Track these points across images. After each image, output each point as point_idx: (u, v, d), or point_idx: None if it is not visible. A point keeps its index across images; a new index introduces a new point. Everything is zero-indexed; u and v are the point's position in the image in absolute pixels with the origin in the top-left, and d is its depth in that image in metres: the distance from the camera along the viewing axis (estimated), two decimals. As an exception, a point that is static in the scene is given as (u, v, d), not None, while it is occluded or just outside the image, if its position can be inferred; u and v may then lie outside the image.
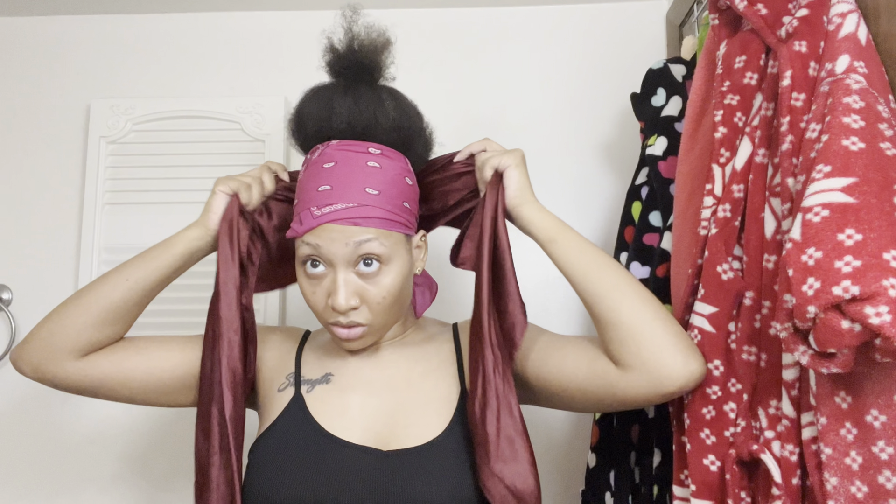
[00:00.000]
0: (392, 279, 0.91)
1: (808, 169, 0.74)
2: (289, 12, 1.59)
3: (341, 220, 0.88)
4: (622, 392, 0.86)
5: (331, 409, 0.92)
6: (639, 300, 0.87)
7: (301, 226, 0.90)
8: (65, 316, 0.92)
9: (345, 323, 0.90)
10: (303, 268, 0.92)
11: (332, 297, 0.89)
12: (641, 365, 0.84)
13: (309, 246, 0.90)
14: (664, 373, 0.83)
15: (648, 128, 1.23)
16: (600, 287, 0.89)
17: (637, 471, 1.11)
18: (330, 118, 0.93)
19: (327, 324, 0.93)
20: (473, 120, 1.54)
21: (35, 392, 1.47)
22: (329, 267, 0.90)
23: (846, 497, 0.70)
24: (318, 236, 0.89)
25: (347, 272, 0.90)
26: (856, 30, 0.81)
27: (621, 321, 0.85)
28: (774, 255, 0.83)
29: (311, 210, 0.90)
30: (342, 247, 0.88)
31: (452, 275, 1.48)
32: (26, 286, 1.50)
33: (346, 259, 0.89)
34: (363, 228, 0.89)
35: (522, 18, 1.58)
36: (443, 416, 0.91)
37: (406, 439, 0.89)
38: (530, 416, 1.46)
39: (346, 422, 0.91)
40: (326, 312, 0.91)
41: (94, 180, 1.49)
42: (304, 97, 0.99)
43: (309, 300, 0.92)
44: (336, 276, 0.89)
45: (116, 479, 1.45)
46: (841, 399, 0.72)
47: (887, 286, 0.62)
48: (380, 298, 0.91)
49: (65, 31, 1.60)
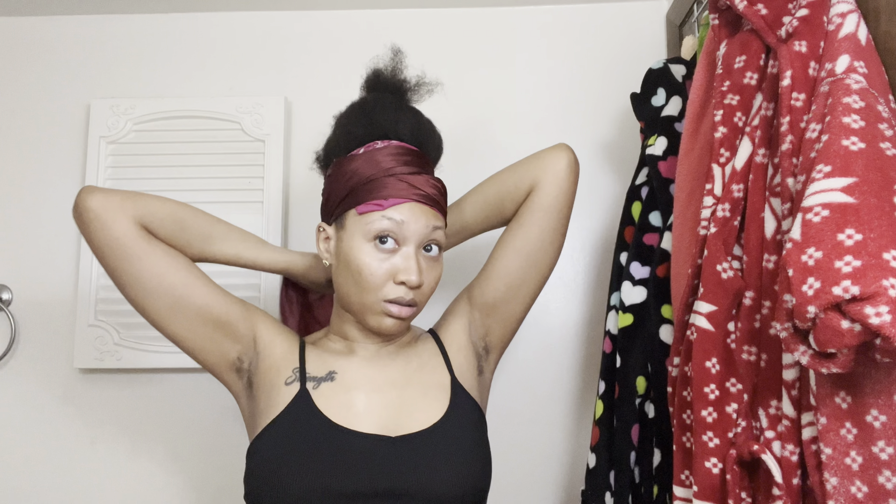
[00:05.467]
0: (440, 269, 0.99)
1: (808, 169, 0.74)
2: (289, 12, 1.60)
3: (424, 202, 0.95)
4: (544, 201, 1.04)
5: (337, 404, 0.94)
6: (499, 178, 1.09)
7: (386, 200, 0.94)
8: (155, 198, 0.98)
9: (407, 300, 0.94)
10: (371, 242, 0.94)
11: (406, 273, 0.93)
12: (541, 176, 1.04)
13: (392, 221, 0.93)
14: (549, 164, 1.04)
15: (648, 128, 1.23)
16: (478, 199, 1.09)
17: (637, 471, 1.11)
18: (396, 122, 1.00)
19: (380, 301, 0.94)
20: (473, 120, 1.54)
21: (35, 392, 1.47)
22: (398, 245, 0.94)
23: (846, 497, 0.70)
24: (403, 213, 0.94)
25: (419, 252, 0.95)
26: (856, 30, 0.81)
27: (510, 188, 1.06)
28: (774, 255, 0.83)
29: (394, 182, 0.95)
30: (423, 227, 0.94)
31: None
32: (26, 286, 1.50)
33: (421, 240, 0.95)
34: (437, 214, 0.97)
35: (522, 18, 1.58)
36: (441, 401, 0.97)
37: (413, 424, 0.94)
38: (531, 415, 1.47)
39: (353, 415, 0.93)
40: (387, 288, 0.94)
41: (94, 180, 1.49)
42: (367, 101, 1.03)
43: (372, 274, 0.93)
44: (410, 252, 0.94)
45: (116, 480, 1.45)
46: (841, 399, 0.72)
47: (887, 286, 0.62)
48: (434, 283, 0.98)
49: (65, 31, 1.60)
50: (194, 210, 1.01)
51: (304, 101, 1.55)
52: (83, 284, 1.45)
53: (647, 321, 1.11)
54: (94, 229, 0.94)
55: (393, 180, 0.95)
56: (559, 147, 1.06)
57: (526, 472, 1.44)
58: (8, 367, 1.48)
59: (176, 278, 0.95)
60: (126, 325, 1.44)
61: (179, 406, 1.46)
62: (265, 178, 1.48)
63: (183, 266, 0.97)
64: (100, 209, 0.93)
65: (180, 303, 0.95)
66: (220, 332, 0.97)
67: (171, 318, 0.96)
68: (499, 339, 1.08)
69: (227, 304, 0.98)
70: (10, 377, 1.48)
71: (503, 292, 1.05)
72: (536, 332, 1.48)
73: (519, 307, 1.07)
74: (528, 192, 1.05)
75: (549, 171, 1.04)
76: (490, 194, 1.08)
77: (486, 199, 1.08)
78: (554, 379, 1.47)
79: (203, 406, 1.46)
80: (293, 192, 1.53)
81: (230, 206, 1.47)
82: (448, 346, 1.05)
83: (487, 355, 1.08)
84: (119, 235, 0.93)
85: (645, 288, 1.14)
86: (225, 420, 1.45)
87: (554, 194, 1.03)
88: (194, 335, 0.97)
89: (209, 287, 0.98)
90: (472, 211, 1.09)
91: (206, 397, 1.45)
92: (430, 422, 0.94)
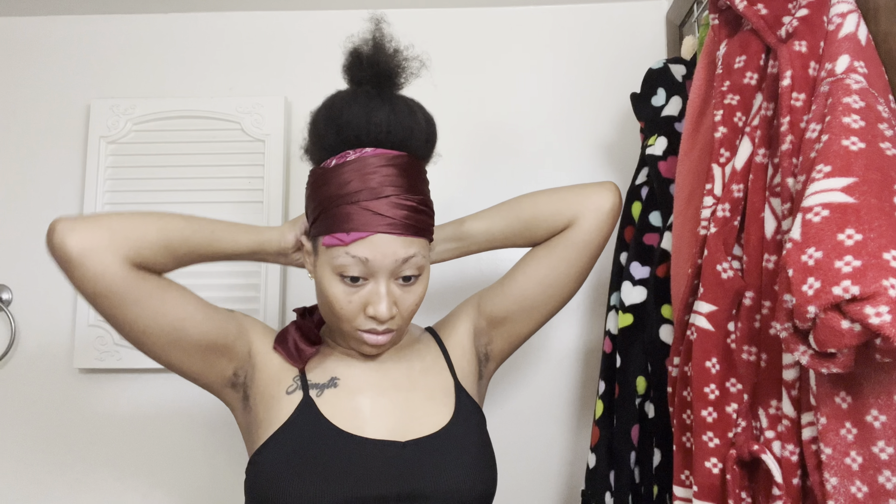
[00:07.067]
0: (423, 288, 0.94)
1: (808, 169, 0.74)
2: (289, 12, 1.60)
3: (392, 232, 0.88)
4: (579, 237, 1.02)
5: (342, 410, 0.92)
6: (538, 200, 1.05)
7: (348, 235, 0.88)
8: (139, 222, 0.86)
9: (381, 330, 0.91)
10: (337, 276, 0.90)
11: (375, 307, 0.89)
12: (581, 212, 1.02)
13: (355, 259, 0.88)
14: (592, 204, 1.02)
15: (648, 128, 1.23)
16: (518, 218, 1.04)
17: (637, 471, 1.11)
18: (368, 125, 0.91)
19: (357, 330, 0.92)
20: (472, 120, 1.54)
21: (35, 392, 1.47)
22: (370, 279, 0.90)
23: (846, 497, 0.70)
24: (366, 249, 0.87)
25: (389, 283, 0.90)
26: (856, 30, 0.81)
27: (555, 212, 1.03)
28: (774, 255, 0.83)
29: (358, 212, 0.88)
30: (391, 262, 0.88)
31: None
32: (26, 286, 1.50)
33: (391, 272, 0.90)
34: (410, 240, 0.89)
35: (522, 19, 1.58)
36: (447, 404, 0.97)
37: (421, 428, 0.93)
38: (531, 415, 1.47)
39: (360, 421, 0.92)
40: (360, 319, 0.91)
41: (94, 180, 1.49)
42: (335, 102, 0.94)
43: (342, 309, 0.90)
44: (379, 287, 0.90)
45: (115, 480, 1.45)
46: (841, 399, 0.72)
47: (887, 286, 0.62)
48: (413, 307, 0.94)
49: (65, 31, 1.60)
50: (178, 222, 0.91)
51: (304, 101, 1.55)
52: (83, 284, 1.45)
53: (647, 321, 1.11)
54: (80, 277, 0.81)
55: (356, 209, 0.87)
56: (606, 186, 1.03)
57: (526, 472, 1.44)
58: (8, 367, 1.48)
59: (173, 315, 0.87)
60: (126, 325, 1.44)
61: (179, 406, 1.46)
62: (265, 178, 1.48)
63: (178, 298, 0.89)
64: (85, 253, 0.80)
65: (178, 338, 0.89)
66: (216, 355, 0.93)
67: (169, 351, 0.90)
68: (500, 351, 1.08)
69: (223, 325, 0.93)
70: (10, 377, 1.48)
71: (514, 312, 1.04)
72: (536, 331, 1.48)
73: (527, 328, 1.06)
74: (567, 225, 1.02)
75: (592, 209, 1.01)
76: (525, 214, 1.03)
77: (519, 218, 1.04)
78: (554, 379, 1.47)
79: (203, 406, 1.46)
80: (293, 193, 1.53)
81: (230, 206, 1.47)
82: (451, 349, 1.04)
83: (487, 363, 1.08)
84: (111, 283, 0.82)
85: (645, 288, 1.14)
86: (225, 420, 1.45)
87: (593, 234, 1.01)
88: (191, 362, 0.92)
89: (204, 313, 0.91)
90: (502, 225, 1.04)
91: (207, 397, 1.45)
92: (438, 426, 0.94)
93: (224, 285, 1.45)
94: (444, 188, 1.50)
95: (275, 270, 1.46)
